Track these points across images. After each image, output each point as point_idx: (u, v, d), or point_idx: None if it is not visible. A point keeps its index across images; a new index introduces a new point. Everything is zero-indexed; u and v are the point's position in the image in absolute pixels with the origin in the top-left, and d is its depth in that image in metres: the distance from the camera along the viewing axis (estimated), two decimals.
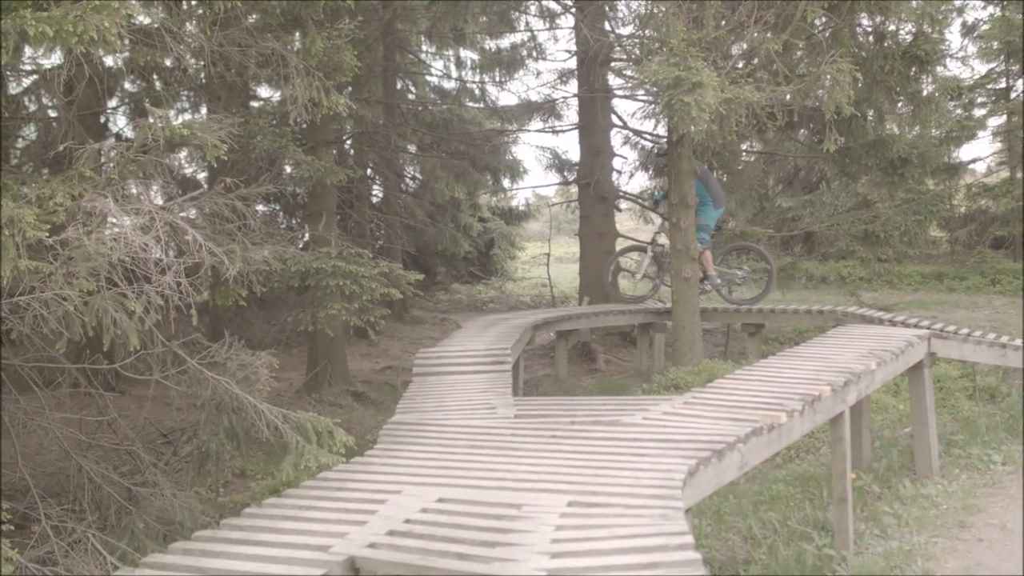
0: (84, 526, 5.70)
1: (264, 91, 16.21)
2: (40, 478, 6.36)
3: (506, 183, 20.68)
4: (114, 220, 5.24)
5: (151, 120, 5.47)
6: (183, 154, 10.36)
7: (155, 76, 12.06)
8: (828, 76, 10.42)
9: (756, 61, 11.10)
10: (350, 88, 14.12)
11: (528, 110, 18.69)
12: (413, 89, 19.98)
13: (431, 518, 4.13)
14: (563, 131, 18.62)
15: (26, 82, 12.44)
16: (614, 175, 17.98)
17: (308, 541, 3.89)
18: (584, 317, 13.51)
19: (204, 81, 11.77)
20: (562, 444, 5.44)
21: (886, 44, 11.91)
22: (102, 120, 12.96)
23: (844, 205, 17.94)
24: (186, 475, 6.77)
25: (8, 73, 9.83)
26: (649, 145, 18.87)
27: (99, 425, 7.23)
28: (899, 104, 13.65)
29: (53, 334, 5.02)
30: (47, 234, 4.62)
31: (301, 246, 12.85)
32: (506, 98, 35.75)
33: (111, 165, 5.68)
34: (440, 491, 4.53)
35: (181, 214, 5.99)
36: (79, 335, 4.93)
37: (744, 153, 17.82)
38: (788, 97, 11.10)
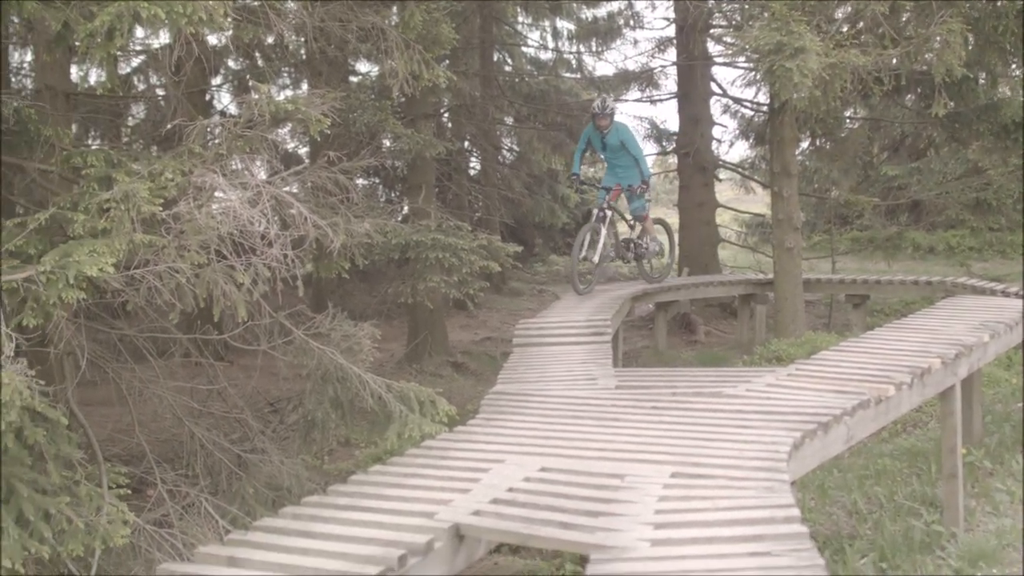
0: (197, 491, 5.90)
1: (363, 66, 16.43)
2: (155, 444, 6.60)
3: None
4: (222, 194, 5.36)
5: (255, 96, 5.57)
6: (286, 129, 10.58)
7: (258, 53, 12.31)
8: (938, 37, 10.06)
9: (861, 24, 10.79)
10: (447, 61, 14.17)
11: (625, 80, 18.51)
12: (510, 61, 19.93)
13: (534, 487, 4.16)
14: (661, 100, 18.41)
15: (135, 62, 12.82)
16: (713, 144, 17.71)
17: (413, 508, 3.95)
18: (684, 288, 13.39)
19: (305, 57, 11.96)
20: (664, 415, 5.41)
21: (999, 3, 11.41)
22: (207, 98, 13.26)
23: (953, 172, 17.40)
24: (293, 443, 6.93)
25: (119, 54, 10.12)
26: (749, 113, 18.53)
27: (210, 393, 7.45)
28: (1013, 66, 13.12)
29: (166, 305, 5.18)
30: (160, 208, 4.76)
31: (400, 219, 12.97)
32: (603, 68, 35.50)
33: (217, 141, 5.81)
34: (543, 460, 4.55)
35: (285, 188, 6.10)
36: (191, 306, 5.07)
37: (848, 120, 17.36)
38: (895, 61, 10.74)
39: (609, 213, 10.43)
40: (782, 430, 4.86)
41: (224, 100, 14.79)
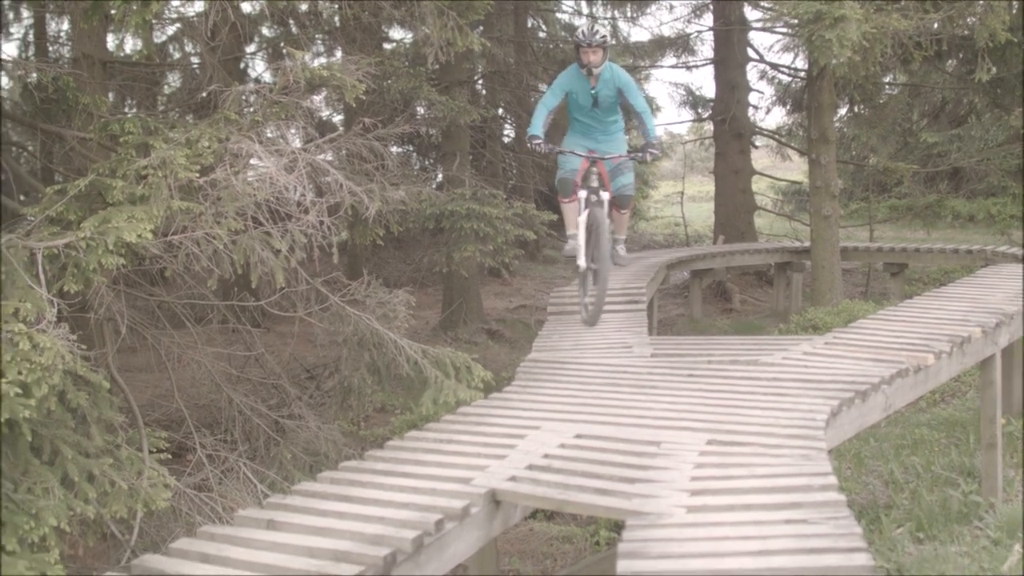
0: (236, 455, 5.96)
1: (396, 33, 16.37)
2: (194, 409, 6.67)
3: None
4: (258, 161, 5.37)
5: (288, 63, 5.57)
6: (320, 97, 10.58)
7: (291, 21, 12.30)
8: (981, 1, 9.86)
9: None
10: (481, 27, 14.08)
11: (660, 46, 18.32)
12: (544, 27, 19.76)
13: (570, 453, 4.17)
14: (697, 66, 18.24)
15: (170, 30, 12.86)
16: (750, 111, 17.53)
17: (450, 473, 3.97)
18: (719, 256, 13.31)
19: (339, 24, 11.93)
20: (700, 383, 5.39)
21: None
22: (242, 66, 13.29)
23: (995, 139, 17.08)
24: (329, 409, 6.99)
25: (155, 22, 10.15)
26: (786, 79, 18.31)
27: (247, 360, 7.52)
28: None
29: (204, 272, 5.21)
30: (197, 175, 4.78)
31: (435, 186, 12.97)
32: (638, 34, 35.09)
33: (252, 109, 5.81)
34: (578, 427, 4.55)
35: (320, 155, 6.11)
36: (228, 273, 5.10)
37: (887, 86, 17.11)
38: (936, 25, 10.55)
39: (607, 201, 7.05)
40: (819, 398, 4.83)
41: (258, 68, 14.82)
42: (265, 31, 14.15)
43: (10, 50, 12.86)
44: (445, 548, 3.48)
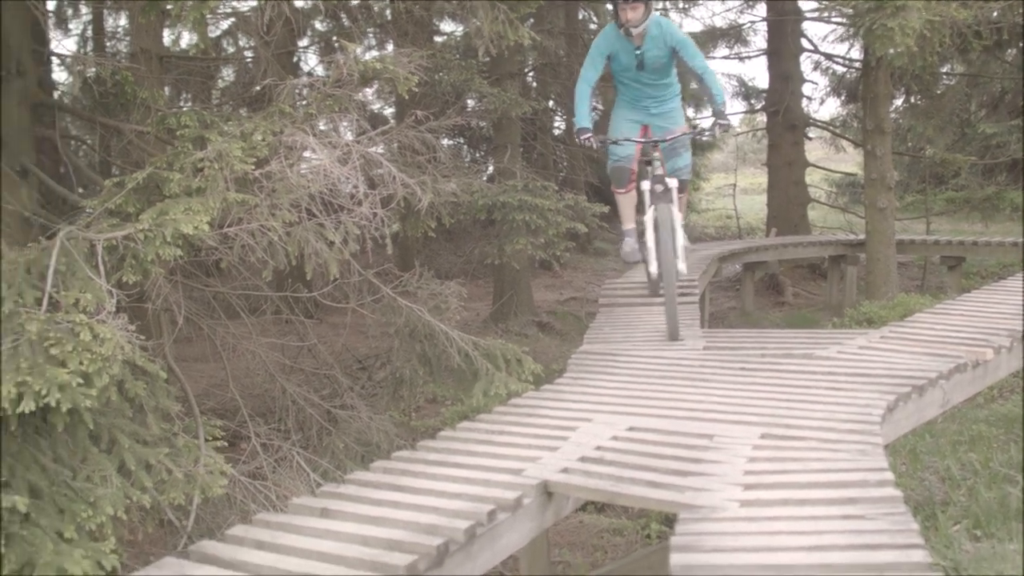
0: (289, 444, 6.03)
1: (447, 25, 16.42)
2: (248, 398, 6.75)
3: (689, 112, 20.25)
4: (310, 154, 5.42)
5: (340, 57, 5.60)
6: (371, 90, 10.63)
7: (343, 14, 12.38)
8: None
9: None
10: (532, 20, 14.07)
11: (713, 37, 18.17)
12: (595, 18, 19.68)
13: (622, 446, 4.15)
14: (750, 57, 18.07)
15: (224, 25, 13.00)
16: (804, 101, 17.32)
17: (502, 464, 3.98)
18: (772, 248, 13.20)
19: (390, 17, 11.99)
20: (753, 376, 5.34)
21: None
22: (294, 59, 13.40)
23: None
24: (381, 399, 7.04)
25: (210, 17, 10.27)
26: (841, 69, 18.07)
27: (300, 350, 7.60)
28: None
29: (259, 263, 5.27)
30: (252, 167, 4.83)
31: (485, 178, 12.99)
32: (690, 25, 34.75)
33: (305, 102, 5.86)
34: (631, 420, 4.54)
35: (372, 148, 6.14)
36: (283, 264, 5.16)
37: (945, 76, 16.82)
38: (996, 14, 10.35)
39: (675, 189, 6.15)
40: (875, 393, 4.77)
41: (311, 62, 14.93)
42: (318, 25, 14.25)
43: (69, 45, 13.08)
44: (497, 539, 3.49)
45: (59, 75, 9.13)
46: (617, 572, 5.66)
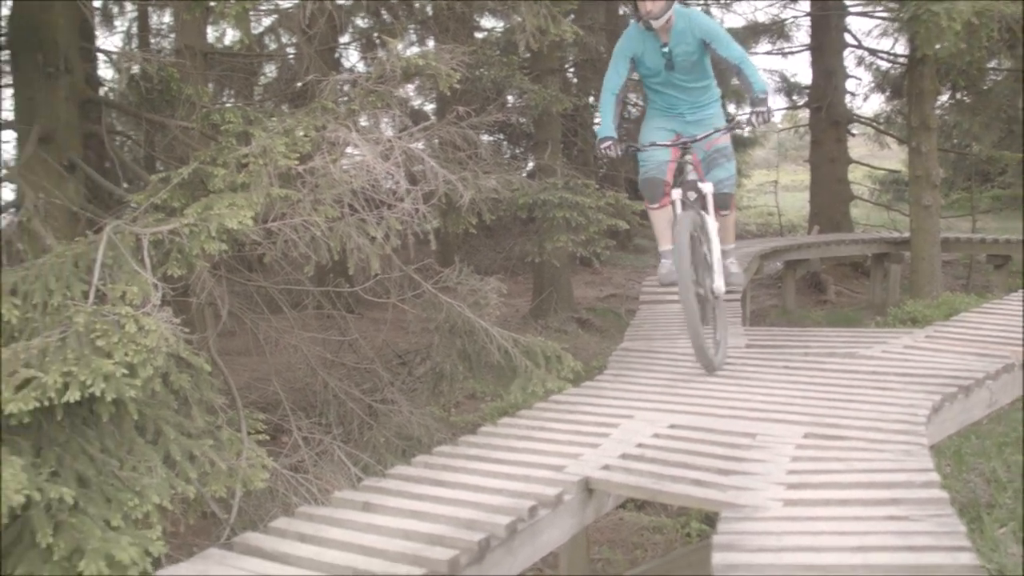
0: (330, 438, 6.06)
1: (487, 22, 16.42)
2: (290, 392, 6.80)
3: (731, 108, 20.10)
4: (352, 150, 5.44)
5: (382, 53, 5.62)
6: (412, 86, 10.66)
7: (384, 11, 12.42)
8: None
9: None
10: (573, 15, 14.03)
11: (755, 32, 18.05)
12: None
13: (664, 443, 4.14)
14: (792, 53, 17.91)
15: (266, 21, 13.10)
16: (847, 97, 17.15)
17: (543, 460, 3.98)
18: (814, 246, 13.09)
19: (431, 13, 12.02)
20: (796, 375, 5.30)
21: None
22: (336, 56, 13.47)
23: None
24: (421, 394, 7.06)
25: (252, 13, 10.34)
26: (886, 65, 17.85)
27: (341, 345, 7.63)
28: None
29: (302, 258, 5.31)
30: (296, 163, 4.86)
31: (525, 175, 12.98)
32: (731, 20, 34.47)
33: (344, 99, 5.89)
34: (672, 417, 4.52)
35: (413, 144, 6.16)
36: (325, 259, 5.18)
37: (992, 71, 16.56)
38: None
39: (711, 195, 5.54)
40: (920, 393, 4.71)
41: (352, 58, 15.00)
42: (359, 21, 14.31)
43: (114, 43, 13.25)
44: (538, 534, 3.49)
45: (105, 72, 9.26)
46: (657, 571, 5.64)
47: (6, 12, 6.38)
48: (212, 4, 6.67)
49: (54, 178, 5.73)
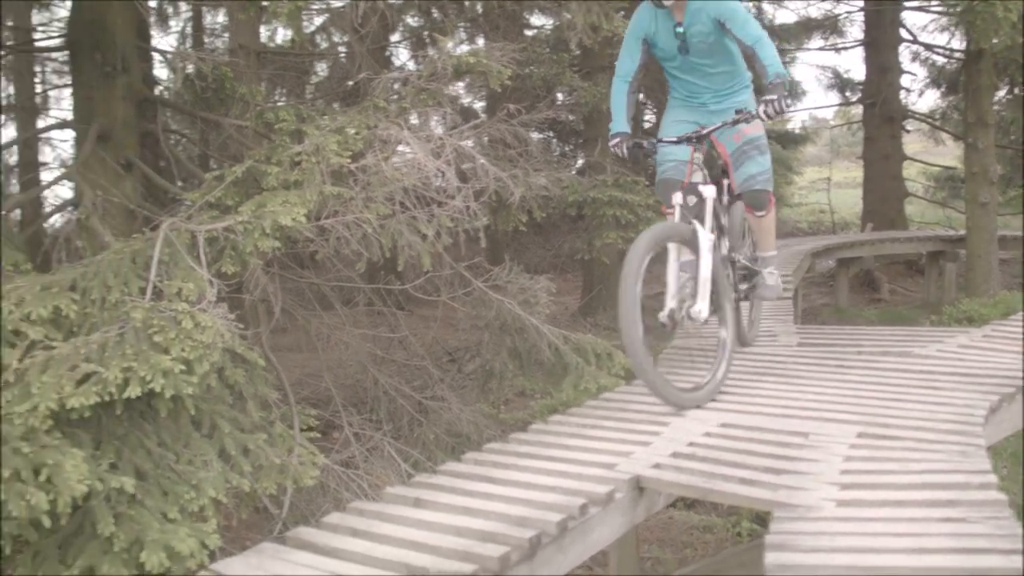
0: (380, 434, 6.10)
1: (536, 19, 16.40)
2: (341, 388, 6.85)
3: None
4: (404, 148, 5.47)
5: (432, 52, 5.65)
6: (462, 84, 10.68)
7: (435, 9, 12.47)
8: None
9: None
10: (622, 13, 13.98)
11: (807, 28, 17.86)
12: None
13: (715, 442, 4.11)
14: (846, 48, 17.69)
15: (318, 20, 13.21)
16: (901, 93, 16.90)
17: (594, 458, 3.98)
18: (867, 244, 12.93)
19: (481, 11, 12.04)
20: (849, 374, 5.24)
21: None
22: (386, 54, 13.55)
23: None
24: (471, 392, 7.08)
25: (303, 12, 10.44)
26: (941, 60, 17.59)
27: (391, 342, 7.67)
28: None
29: (353, 255, 5.34)
30: (348, 161, 4.90)
31: (575, 172, 12.95)
32: (783, 15, 34.11)
33: (395, 97, 5.92)
34: (723, 416, 4.49)
35: (462, 142, 6.18)
36: (377, 256, 5.22)
37: None
38: None
39: (711, 200, 4.85)
40: (976, 393, 4.64)
41: (402, 56, 15.07)
42: (409, 20, 14.38)
43: (169, 42, 13.45)
44: (589, 532, 3.49)
45: (160, 71, 9.41)
46: (708, 570, 5.61)
47: (65, 13, 6.51)
48: (265, 4, 6.76)
49: (111, 176, 5.83)
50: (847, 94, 18.51)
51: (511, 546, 3.13)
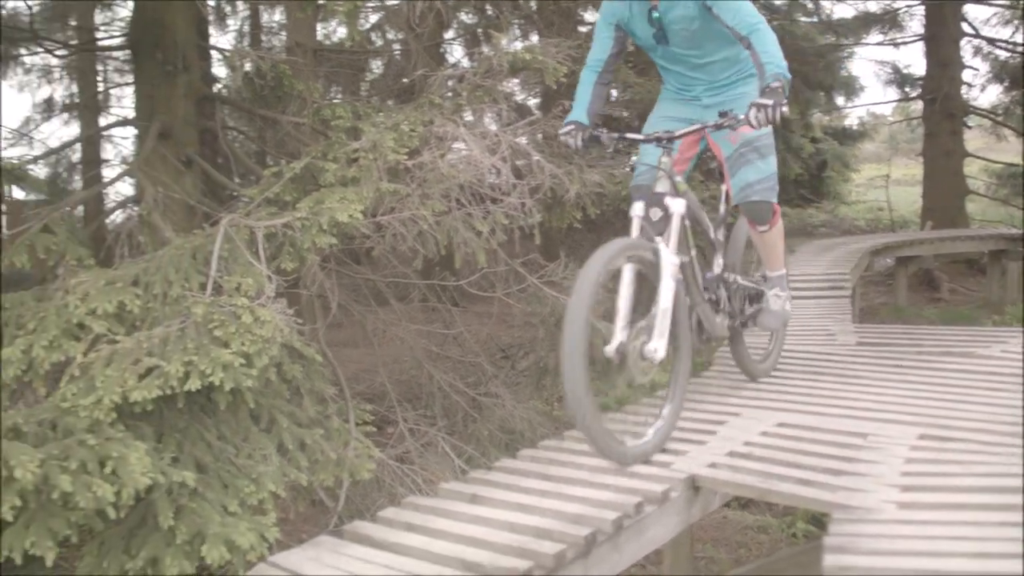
0: (435, 430, 6.14)
1: (590, 16, 16.36)
2: (396, 384, 6.90)
3: (840, 101, 19.65)
4: (460, 144, 5.49)
5: (486, 49, 5.66)
6: (516, 80, 10.68)
7: (488, 6, 12.49)
8: None
9: None
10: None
11: (865, 23, 17.59)
12: None
13: (771, 442, 4.07)
14: (905, 43, 17.41)
15: (373, 18, 13.29)
16: (963, 89, 16.59)
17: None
18: (927, 242, 12.71)
19: (535, 8, 12.03)
20: (909, 374, 5.16)
21: None
22: (440, 51, 13.59)
23: None
24: (524, 388, 7.09)
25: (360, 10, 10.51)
26: (1004, 55, 17.22)
27: (446, 338, 7.71)
28: None
29: (409, 251, 5.38)
30: (405, 158, 4.93)
31: (628, 169, 12.89)
32: (841, 10, 33.65)
33: (450, 93, 5.94)
34: (780, 416, 4.44)
35: (516, 138, 6.19)
36: (432, 253, 5.25)
37: None
38: None
39: (678, 217, 4.06)
40: None
41: (456, 54, 15.11)
42: (464, 17, 14.41)
43: (227, 40, 13.62)
44: (644, 531, 3.47)
45: (219, 70, 9.54)
46: (763, 571, 5.56)
47: (127, 13, 6.62)
48: (322, 2, 6.81)
49: (172, 173, 5.93)
50: (906, 89, 18.21)
51: (567, 543, 3.12)
